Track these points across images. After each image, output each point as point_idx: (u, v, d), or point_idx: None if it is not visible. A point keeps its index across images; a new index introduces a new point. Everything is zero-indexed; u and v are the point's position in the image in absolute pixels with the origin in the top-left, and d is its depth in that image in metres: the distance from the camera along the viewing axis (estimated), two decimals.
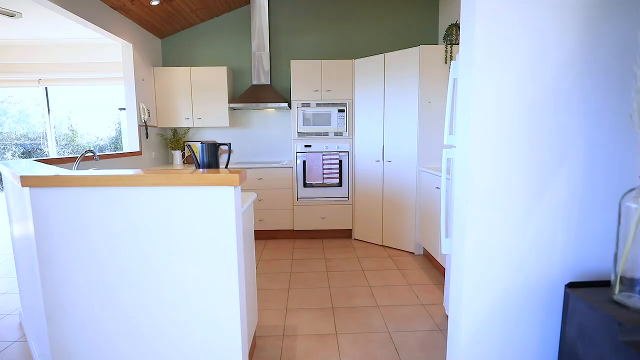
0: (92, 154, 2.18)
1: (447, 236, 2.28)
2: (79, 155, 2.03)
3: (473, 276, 1.38)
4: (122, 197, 1.26)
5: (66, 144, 5.95)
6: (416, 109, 3.37)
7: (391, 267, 3.23)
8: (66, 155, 3.17)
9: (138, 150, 3.82)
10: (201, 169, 1.51)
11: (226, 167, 1.60)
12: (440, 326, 2.23)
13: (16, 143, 6.15)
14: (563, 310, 1.25)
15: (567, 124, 1.32)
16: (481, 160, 1.30)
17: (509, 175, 1.31)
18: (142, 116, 3.82)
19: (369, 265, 3.29)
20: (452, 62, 2.15)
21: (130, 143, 3.83)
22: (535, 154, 1.31)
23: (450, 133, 2.23)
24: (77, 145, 5.99)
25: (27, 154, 6.06)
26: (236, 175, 1.24)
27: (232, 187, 1.26)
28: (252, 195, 1.90)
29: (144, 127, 3.88)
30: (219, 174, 1.24)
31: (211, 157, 1.54)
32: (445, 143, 2.20)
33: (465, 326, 1.43)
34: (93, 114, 5.67)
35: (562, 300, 1.34)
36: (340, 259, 3.45)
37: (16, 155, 6.06)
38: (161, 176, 1.23)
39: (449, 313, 1.56)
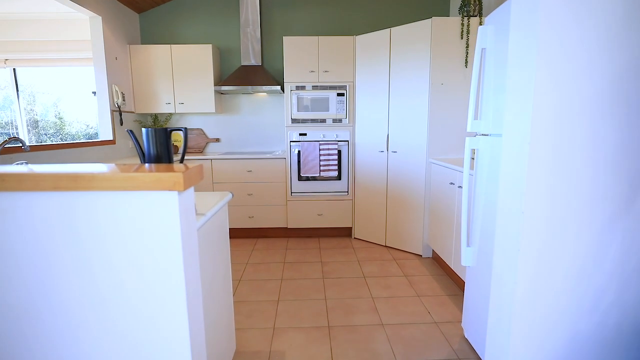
0: (20, 144, 1.76)
1: (468, 245, 1.88)
2: None
3: (526, 315, 0.98)
4: (11, 206, 0.84)
5: (54, 133, 5.53)
6: (426, 92, 2.93)
7: (396, 272, 2.83)
8: None
9: (111, 138, 3.38)
10: (147, 164, 1.09)
11: (181, 160, 1.18)
12: (458, 353, 1.84)
13: (0, 132, 5.75)
14: None
15: None
16: (546, 155, 0.88)
17: (585, 175, 0.90)
18: (115, 100, 3.38)
19: (370, 270, 2.89)
20: (479, 27, 1.71)
21: (103, 131, 3.40)
22: (625, 144, 0.90)
23: (476, 118, 1.80)
24: (67, 134, 5.56)
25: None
26: (179, 175, 0.82)
27: (175, 193, 0.84)
28: (226, 197, 1.49)
29: (117, 113, 3.44)
30: (151, 174, 0.81)
31: (160, 147, 1.12)
32: (468, 130, 1.77)
33: None
34: (82, 100, 5.18)
35: None
36: (339, 263, 3.05)
37: None
38: (64, 176, 0.81)
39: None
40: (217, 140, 4.09)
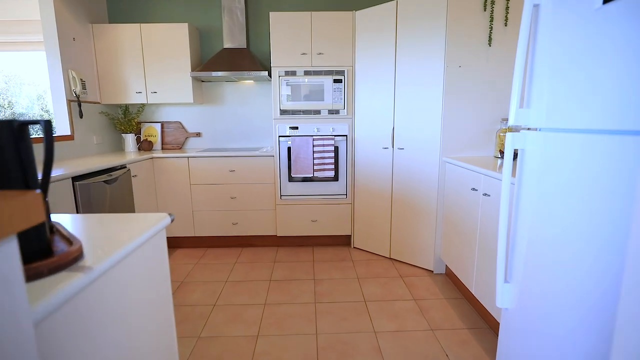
0: None
1: (507, 280, 1.39)
2: None
3: None
4: None
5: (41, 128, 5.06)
6: (441, 77, 2.42)
7: (404, 295, 2.36)
8: None
9: (69, 134, 2.89)
10: None
11: (44, 178, 0.66)
12: None
13: None
14: None
15: None
16: None
17: None
18: (73, 88, 2.88)
19: (373, 290, 2.41)
20: None
21: (58, 124, 2.90)
22: None
23: (522, 106, 1.30)
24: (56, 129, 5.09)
25: None
26: None
27: None
28: (157, 223, 1.00)
29: (76, 103, 2.94)
30: None
31: (5, 156, 0.62)
32: (511, 123, 1.27)
33: None
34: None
35: None
36: (335, 280, 2.57)
37: None
38: None
39: None
40: (198, 134, 3.59)
